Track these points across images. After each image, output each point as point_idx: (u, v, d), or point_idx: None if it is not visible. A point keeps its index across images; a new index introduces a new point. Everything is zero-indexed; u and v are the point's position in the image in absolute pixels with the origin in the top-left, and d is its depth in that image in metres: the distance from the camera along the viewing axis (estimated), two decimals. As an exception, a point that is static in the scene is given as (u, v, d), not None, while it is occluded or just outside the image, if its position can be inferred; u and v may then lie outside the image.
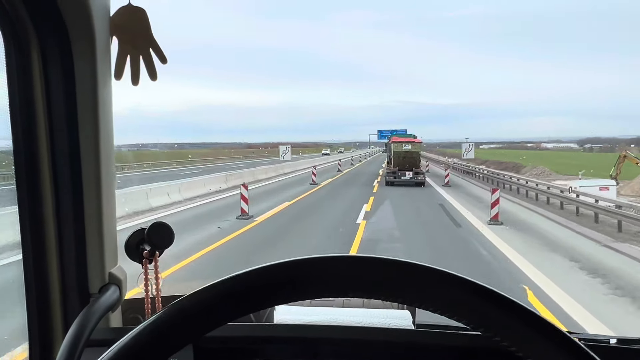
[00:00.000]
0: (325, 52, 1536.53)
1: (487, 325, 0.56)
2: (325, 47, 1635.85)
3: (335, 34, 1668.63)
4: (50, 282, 1.10)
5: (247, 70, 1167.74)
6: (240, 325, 1.12)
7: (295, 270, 0.59)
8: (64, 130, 1.08)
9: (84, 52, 1.06)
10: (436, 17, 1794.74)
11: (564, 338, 0.55)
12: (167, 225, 1.15)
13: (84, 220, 1.11)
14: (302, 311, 1.26)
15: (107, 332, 1.15)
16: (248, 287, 0.58)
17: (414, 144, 31.35)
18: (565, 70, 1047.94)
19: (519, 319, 0.56)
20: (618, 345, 1.13)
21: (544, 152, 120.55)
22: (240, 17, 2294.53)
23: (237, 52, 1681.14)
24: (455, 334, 1.08)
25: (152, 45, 1.17)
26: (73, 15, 1.03)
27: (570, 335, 0.56)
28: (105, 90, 1.11)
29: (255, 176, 32.32)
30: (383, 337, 1.09)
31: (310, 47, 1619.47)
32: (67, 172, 1.09)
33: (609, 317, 7.15)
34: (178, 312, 0.57)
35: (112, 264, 1.18)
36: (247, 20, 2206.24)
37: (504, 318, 0.56)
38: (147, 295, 1.21)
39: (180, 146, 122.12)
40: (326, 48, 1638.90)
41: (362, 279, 0.58)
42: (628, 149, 45.73)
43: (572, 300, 7.94)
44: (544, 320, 0.56)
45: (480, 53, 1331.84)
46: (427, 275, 0.58)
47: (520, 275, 9.51)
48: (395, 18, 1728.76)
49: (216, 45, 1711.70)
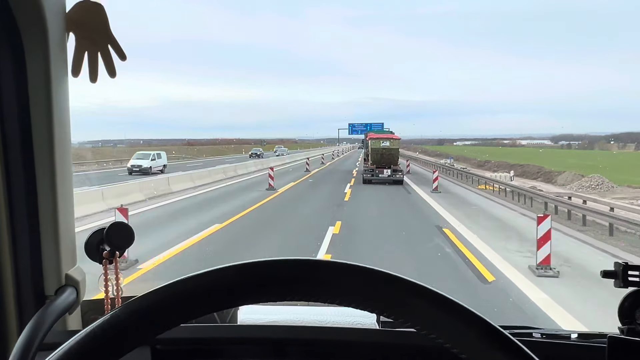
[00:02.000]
0: (297, 49, 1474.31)
1: (422, 324, 0.56)
2: (297, 43, 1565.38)
3: (308, 30, 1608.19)
4: (4, 283, 1.08)
5: (216, 66, 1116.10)
6: (202, 326, 1.11)
7: (249, 272, 0.58)
8: (17, 128, 1.05)
9: (37, 48, 1.03)
10: (411, 14, 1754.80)
11: (498, 333, 0.54)
12: (127, 225, 1.13)
13: (39, 219, 1.09)
14: (266, 310, 1.25)
15: (63, 334, 1.12)
16: (202, 288, 0.57)
17: (393, 140, 29.85)
18: (536, 68, 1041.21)
19: (448, 314, 0.55)
20: (577, 340, 1.14)
21: (527, 149, 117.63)
22: (210, 11, 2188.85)
23: (205, 47, 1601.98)
24: (420, 333, 1.08)
25: (111, 42, 1.15)
26: (24, 11, 1.00)
27: (507, 331, 0.55)
28: (60, 87, 1.09)
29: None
30: (347, 337, 1.09)
31: (282, 43, 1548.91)
32: (20, 170, 1.06)
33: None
34: (130, 312, 0.56)
35: (70, 264, 1.16)
36: (216, 14, 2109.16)
37: (437, 315, 0.56)
38: (107, 296, 1.19)
39: (147, 142, 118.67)
40: (298, 44, 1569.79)
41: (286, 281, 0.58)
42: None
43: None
44: (476, 315, 0.55)
45: (454, 50, 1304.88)
46: (354, 273, 0.58)
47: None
48: (369, 14, 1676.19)
49: (185, 41, 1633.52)
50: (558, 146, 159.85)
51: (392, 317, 0.58)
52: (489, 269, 9.69)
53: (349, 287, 0.57)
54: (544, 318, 7.12)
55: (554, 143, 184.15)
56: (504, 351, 0.53)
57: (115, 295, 1.20)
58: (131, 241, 1.14)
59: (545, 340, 1.14)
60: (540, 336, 1.16)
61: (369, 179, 27.69)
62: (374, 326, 1.21)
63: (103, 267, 1.16)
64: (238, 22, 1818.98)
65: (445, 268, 9.86)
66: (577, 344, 1.11)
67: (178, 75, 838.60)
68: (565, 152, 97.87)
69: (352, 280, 0.57)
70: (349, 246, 11.49)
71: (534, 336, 1.15)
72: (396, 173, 27.80)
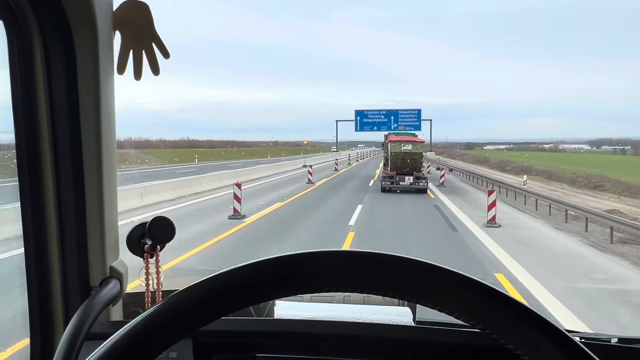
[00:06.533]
0: (322, 51, 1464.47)
1: (485, 322, 0.56)
2: (322, 45, 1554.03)
3: (331, 32, 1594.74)
4: (51, 275, 1.11)
5: (242, 68, 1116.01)
6: (241, 320, 1.12)
7: (291, 265, 0.59)
8: (66, 124, 1.08)
9: (86, 47, 1.06)
10: (437, 15, 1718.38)
11: (563, 337, 0.54)
12: (168, 219, 1.16)
13: (86, 213, 1.12)
14: (302, 307, 1.26)
15: (108, 325, 1.15)
16: (241, 282, 0.58)
17: (416, 143, 26.33)
18: (571, 71, 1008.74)
19: (517, 316, 0.55)
20: (619, 344, 1.12)
21: (583, 156, 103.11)
22: (237, 13, 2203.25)
23: (231, 49, 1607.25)
24: (456, 331, 1.07)
25: (155, 40, 1.17)
26: (75, 10, 1.03)
27: (569, 334, 0.55)
28: (107, 85, 1.12)
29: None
30: (383, 333, 1.09)
31: (307, 45, 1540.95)
32: (68, 166, 1.10)
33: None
34: (175, 305, 0.57)
35: (114, 257, 1.19)
36: (243, 17, 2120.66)
37: (502, 315, 0.55)
38: (148, 289, 1.22)
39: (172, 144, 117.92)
40: (323, 46, 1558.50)
41: (354, 273, 0.58)
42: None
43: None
44: (543, 319, 0.55)
45: (484, 52, 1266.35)
46: (426, 271, 0.58)
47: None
48: (391, 16, 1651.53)
49: (213, 43, 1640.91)
50: (601, 151, 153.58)
51: (463, 319, 0.58)
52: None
53: (439, 290, 0.58)
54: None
55: (595, 148, 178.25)
56: (567, 352, 0.53)
57: (155, 288, 1.23)
58: (172, 235, 1.16)
59: (586, 344, 1.11)
60: (579, 339, 1.14)
61: (388, 187, 24.45)
62: (410, 324, 1.21)
63: (144, 260, 1.19)
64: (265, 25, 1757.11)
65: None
66: (619, 347, 1.09)
67: (202, 78, 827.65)
68: (629, 158, 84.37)
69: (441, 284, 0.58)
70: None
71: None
72: (419, 181, 24.45)
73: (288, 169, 41.39)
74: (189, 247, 10.67)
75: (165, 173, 34.11)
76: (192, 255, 10.27)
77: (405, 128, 50.82)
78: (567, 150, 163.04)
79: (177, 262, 9.40)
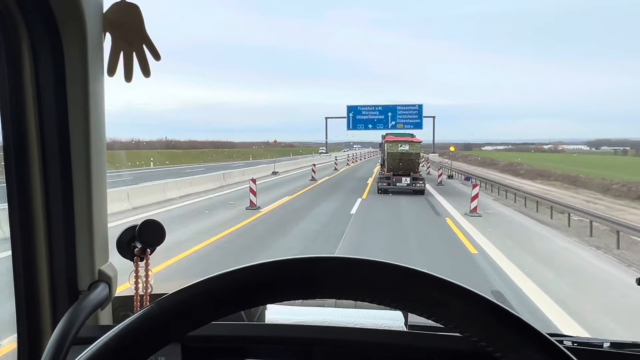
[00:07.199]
0: (318, 51, 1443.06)
1: (463, 325, 0.55)
2: (318, 45, 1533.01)
3: (329, 32, 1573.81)
4: (39, 279, 1.10)
5: (237, 68, 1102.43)
6: (231, 324, 1.11)
7: (280, 271, 0.58)
8: (54, 126, 1.07)
9: (75, 48, 1.05)
10: (436, 16, 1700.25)
11: (543, 339, 0.54)
12: (158, 222, 1.15)
13: (74, 216, 1.11)
14: (293, 311, 1.25)
15: (96, 329, 1.14)
16: (232, 287, 0.57)
17: (413, 143, 25.95)
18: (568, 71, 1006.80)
19: (496, 319, 0.54)
20: (611, 349, 1.12)
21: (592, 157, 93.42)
22: (233, 13, 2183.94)
23: (226, 49, 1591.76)
24: (448, 336, 1.06)
25: (146, 42, 1.16)
26: (64, 11, 1.02)
27: (553, 339, 0.54)
28: (97, 87, 1.11)
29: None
30: (375, 338, 1.08)
31: (303, 46, 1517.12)
32: (57, 168, 1.09)
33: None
34: (163, 310, 0.57)
35: (103, 261, 1.18)
36: (238, 16, 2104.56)
37: (480, 318, 0.55)
38: (137, 293, 1.21)
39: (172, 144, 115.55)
40: (320, 47, 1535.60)
41: (343, 280, 0.57)
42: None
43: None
44: (522, 321, 0.54)
45: (476, 54, 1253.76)
46: (401, 273, 0.57)
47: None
48: (390, 17, 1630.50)
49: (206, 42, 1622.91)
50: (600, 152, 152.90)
51: (442, 322, 0.57)
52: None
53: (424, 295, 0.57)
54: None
55: (594, 148, 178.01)
56: (548, 355, 0.53)
57: (144, 292, 1.22)
58: (162, 239, 1.15)
59: (578, 348, 1.11)
60: (571, 344, 1.14)
61: (385, 188, 24.20)
62: (402, 329, 1.20)
63: (134, 264, 1.18)
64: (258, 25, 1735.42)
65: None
66: (610, 353, 1.09)
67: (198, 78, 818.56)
68: (634, 159, 78.73)
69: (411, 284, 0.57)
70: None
71: (565, 344, 1.13)
72: (416, 182, 24.27)
73: (235, 180, 27.84)
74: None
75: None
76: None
77: (405, 126, 47.34)
78: (566, 150, 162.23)
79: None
